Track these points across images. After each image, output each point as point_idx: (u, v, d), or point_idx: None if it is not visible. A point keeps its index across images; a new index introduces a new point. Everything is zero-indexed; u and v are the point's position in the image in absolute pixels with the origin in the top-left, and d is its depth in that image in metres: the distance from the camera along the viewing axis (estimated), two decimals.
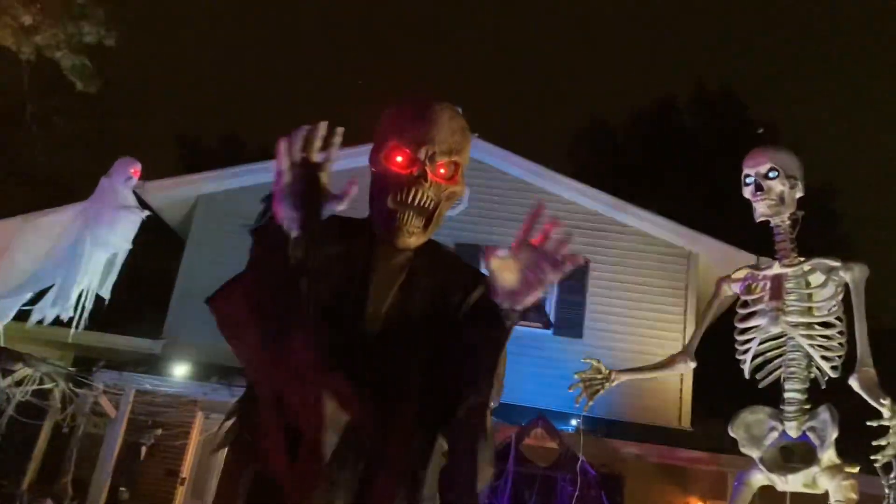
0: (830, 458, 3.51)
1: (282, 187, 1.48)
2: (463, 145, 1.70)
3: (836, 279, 3.64)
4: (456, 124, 1.69)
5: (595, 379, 3.94)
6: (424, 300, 1.64)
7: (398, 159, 1.65)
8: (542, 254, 1.49)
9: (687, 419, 9.79)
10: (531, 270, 1.49)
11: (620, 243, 10.61)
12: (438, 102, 1.69)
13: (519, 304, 1.52)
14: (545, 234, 1.51)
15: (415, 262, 1.68)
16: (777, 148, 3.73)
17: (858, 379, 3.38)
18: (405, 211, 1.62)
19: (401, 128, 1.67)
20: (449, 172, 1.68)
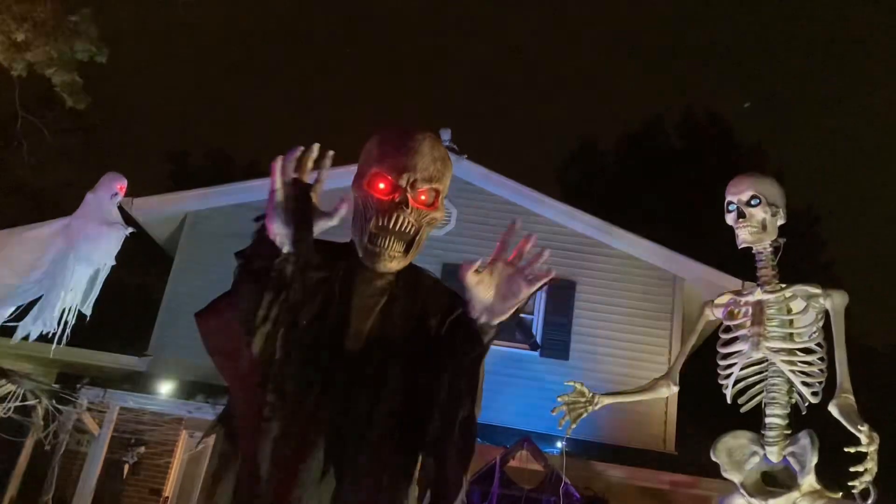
0: (810, 483, 3.54)
1: (275, 205, 1.54)
2: (443, 173, 1.77)
3: (817, 306, 3.69)
4: (437, 153, 1.76)
5: (578, 402, 3.97)
6: (404, 323, 1.68)
7: (380, 186, 1.70)
8: (517, 269, 1.56)
9: (671, 443, 9.81)
10: (506, 286, 1.56)
11: (607, 266, 10.68)
12: (421, 131, 1.76)
13: (496, 319, 1.58)
14: (520, 250, 1.56)
15: (396, 286, 1.72)
16: (759, 175, 3.79)
17: (838, 405, 3.42)
18: (387, 236, 1.67)
19: (383, 155, 1.72)
20: (429, 199, 1.74)
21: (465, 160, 10.97)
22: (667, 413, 9.87)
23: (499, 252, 1.61)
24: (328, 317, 1.64)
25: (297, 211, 1.54)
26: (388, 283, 1.72)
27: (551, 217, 10.84)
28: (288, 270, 1.53)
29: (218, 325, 1.60)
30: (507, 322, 1.61)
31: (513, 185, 10.95)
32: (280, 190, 1.54)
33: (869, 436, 3.19)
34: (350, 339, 1.64)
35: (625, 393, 4.27)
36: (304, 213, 1.54)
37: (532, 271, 1.58)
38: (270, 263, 1.52)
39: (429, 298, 1.73)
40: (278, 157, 1.56)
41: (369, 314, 1.68)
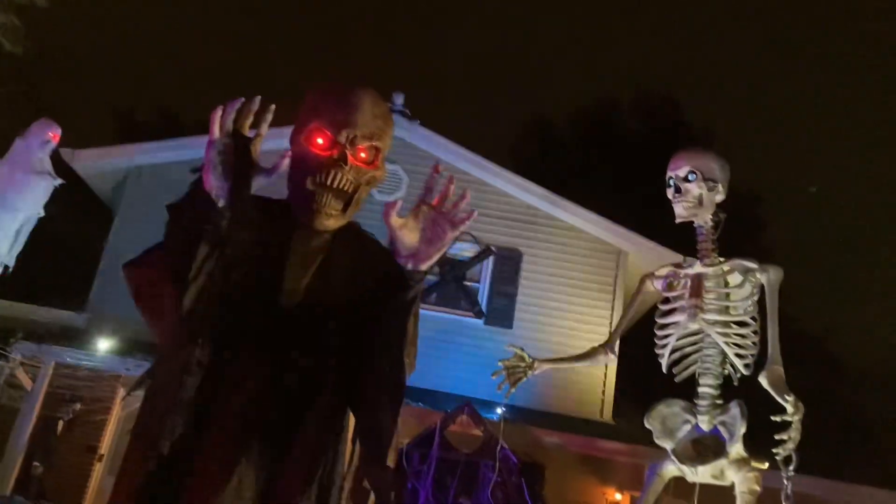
0: (738, 451, 3.66)
1: (212, 157, 1.50)
2: (385, 131, 1.72)
3: (753, 280, 3.79)
4: (378, 110, 1.71)
5: (518, 367, 4.03)
6: (342, 282, 1.66)
7: (319, 141, 1.66)
8: (441, 213, 1.57)
9: (609, 412, 10.05)
10: (431, 229, 1.57)
11: (554, 238, 10.79)
12: (361, 87, 1.71)
13: (422, 264, 1.59)
14: (443, 193, 1.56)
15: (333, 245, 1.69)
16: (698, 151, 3.85)
17: (767, 376, 3.53)
18: (324, 193, 1.63)
19: (322, 110, 1.68)
20: (370, 157, 1.70)
21: (418, 126, 10.91)
22: (605, 383, 10.10)
23: (423, 197, 1.60)
24: (264, 274, 1.61)
25: (235, 164, 1.50)
26: (326, 242, 1.69)
27: (502, 187, 10.89)
28: (223, 225, 1.49)
29: (148, 277, 1.56)
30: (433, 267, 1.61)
31: (464, 154, 10.94)
32: (218, 142, 1.50)
33: (795, 406, 3.32)
34: (286, 296, 1.61)
35: (563, 359, 4.35)
36: (242, 167, 1.51)
37: (456, 214, 1.58)
38: (206, 217, 1.49)
39: (367, 258, 1.71)
40: (218, 107, 1.52)
41: (306, 272, 1.65)
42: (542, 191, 10.93)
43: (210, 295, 1.49)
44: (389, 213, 1.55)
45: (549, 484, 8.32)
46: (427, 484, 6.99)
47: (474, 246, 10.65)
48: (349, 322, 1.62)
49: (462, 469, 7.17)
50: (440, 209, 1.59)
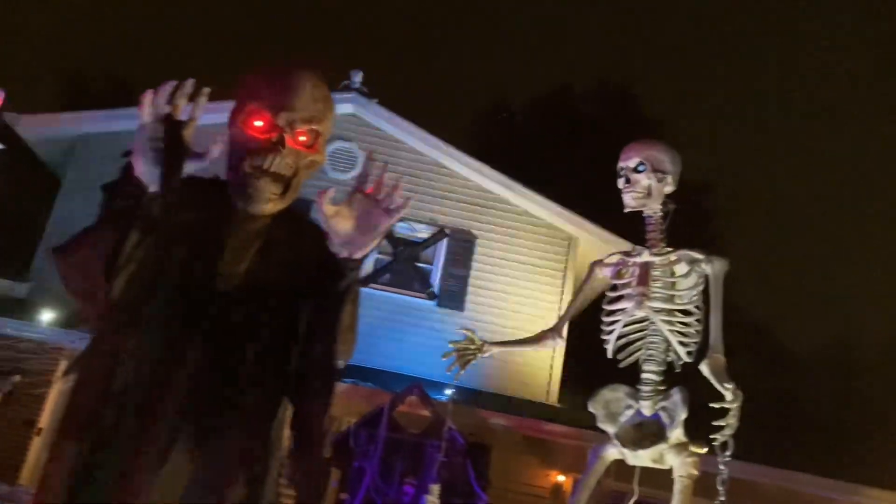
0: (678, 436, 3.75)
1: (142, 141, 1.46)
2: (325, 114, 1.69)
3: (699, 270, 3.87)
4: (319, 93, 1.68)
5: (468, 349, 4.06)
6: (280, 268, 1.63)
7: (257, 124, 1.63)
8: (376, 201, 1.55)
9: (555, 395, 10.21)
10: (366, 218, 1.54)
11: (508, 222, 10.87)
12: (302, 69, 1.68)
13: (357, 253, 1.56)
14: (379, 181, 1.55)
15: (272, 230, 1.66)
16: (649, 143, 3.90)
17: (709, 364, 3.61)
18: (261, 177, 1.60)
19: (261, 92, 1.64)
20: (309, 140, 1.67)
21: (375, 105, 10.84)
22: (552, 367, 10.25)
23: (358, 184, 1.58)
24: (199, 259, 1.58)
25: (166, 149, 1.46)
26: (264, 226, 1.65)
27: (458, 170, 10.91)
28: (154, 211, 1.46)
29: (77, 263, 1.51)
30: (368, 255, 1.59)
31: (421, 135, 10.92)
32: (149, 126, 1.47)
33: (733, 393, 3.40)
34: (222, 282, 1.58)
35: (512, 342, 4.40)
36: (173, 152, 1.47)
37: (391, 202, 1.56)
38: (136, 202, 1.45)
39: (305, 244, 1.68)
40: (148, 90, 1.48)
41: (243, 257, 1.62)
42: (498, 175, 10.98)
43: (141, 282, 1.46)
44: (321, 201, 1.53)
45: (494, 465, 8.42)
46: (373, 464, 7.02)
47: (428, 227, 10.66)
48: (286, 308, 1.60)
49: (409, 449, 7.22)
50: (375, 197, 1.56)
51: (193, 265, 1.57)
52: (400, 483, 7.07)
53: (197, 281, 1.57)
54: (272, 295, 1.60)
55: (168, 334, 1.51)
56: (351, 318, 1.61)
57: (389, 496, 6.97)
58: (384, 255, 10.55)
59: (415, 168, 10.76)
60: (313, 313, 1.58)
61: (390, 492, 6.99)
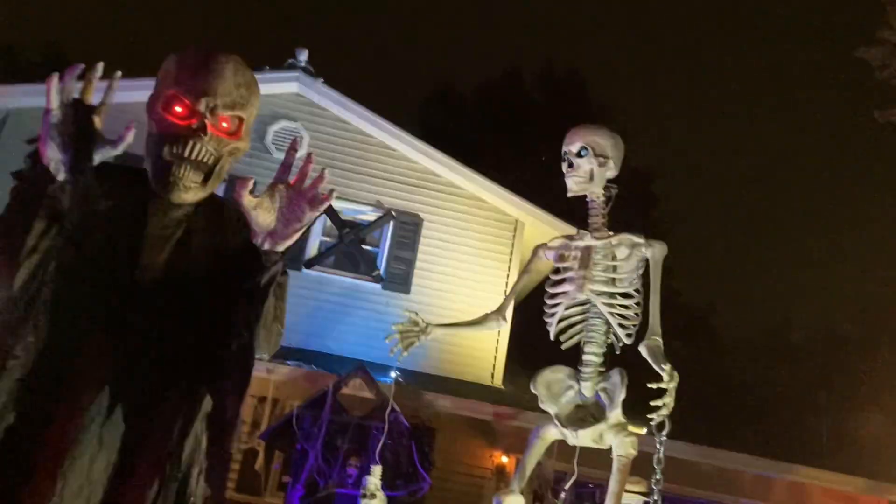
0: (617, 416, 3.82)
1: (49, 128, 1.41)
2: (249, 100, 1.65)
3: (639, 254, 3.94)
4: (242, 78, 1.63)
5: (412, 331, 4.06)
6: (202, 257, 1.59)
7: (177, 109, 1.58)
8: (300, 192, 1.52)
9: (499, 377, 10.31)
10: (289, 209, 1.51)
11: (454, 205, 10.88)
12: (224, 54, 1.63)
13: (280, 245, 1.53)
14: (302, 172, 1.52)
15: (193, 218, 1.61)
16: (591, 128, 3.95)
17: (647, 346, 3.70)
18: (182, 164, 1.56)
19: (182, 77, 1.60)
20: (232, 127, 1.63)
21: (321, 84, 10.71)
22: (497, 349, 10.34)
23: (280, 175, 1.54)
24: (116, 250, 1.53)
25: (75, 136, 1.41)
26: (186, 215, 1.61)
27: (404, 152, 10.86)
28: (63, 200, 1.40)
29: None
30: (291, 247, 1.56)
31: (368, 116, 10.82)
32: (57, 112, 1.41)
33: (670, 374, 3.48)
34: (142, 272, 1.53)
35: (456, 324, 4.41)
36: (82, 139, 1.42)
37: (315, 194, 1.53)
38: (42, 191, 1.39)
39: (227, 234, 1.63)
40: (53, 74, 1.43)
41: (163, 246, 1.57)
42: (445, 157, 10.97)
43: (47, 273, 1.41)
44: (242, 192, 1.49)
45: (438, 446, 8.49)
46: (317, 446, 7.00)
47: (374, 210, 10.61)
48: (208, 300, 1.56)
49: (353, 432, 7.22)
50: (298, 188, 1.53)
51: (109, 256, 1.52)
52: (343, 465, 7.07)
53: (113, 272, 1.51)
54: (193, 286, 1.56)
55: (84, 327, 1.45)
56: (276, 310, 1.57)
57: (333, 478, 6.96)
58: (329, 237, 10.47)
59: (361, 149, 10.67)
60: (235, 306, 1.53)
61: (333, 473, 6.98)
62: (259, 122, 10.51)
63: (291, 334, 9.51)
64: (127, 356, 1.47)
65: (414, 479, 7.30)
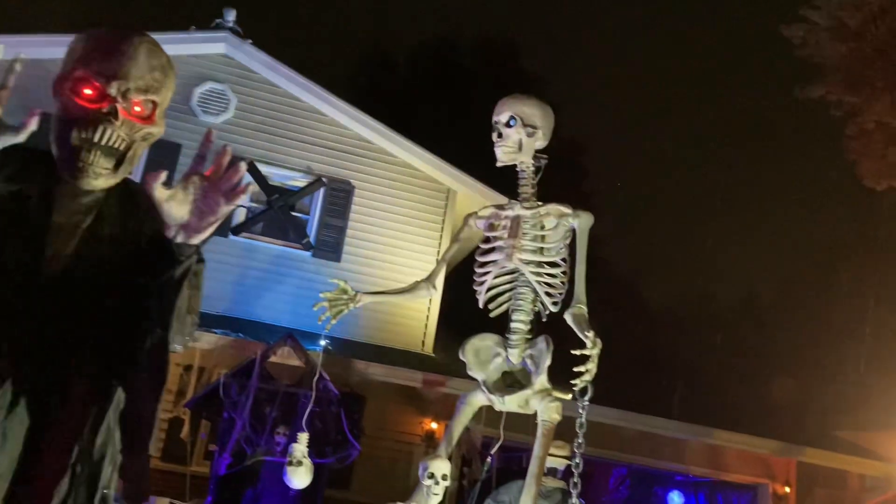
0: (542, 382, 3.89)
1: None
2: (163, 83, 1.59)
3: (566, 224, 3.99)
4: (156, 61, 1.57)
5: (340, 299, 4.03)
6: (113, 246, 1.54)
7: (86, 92, 1.51)
8: (214, 185, 1.46)
9: (430, 345, 10.38)
10: (203, 202, 1.46)
11: (386, 173, 10.82)
12: (137, 34, 1.57)
13: (194, 238, 1.48)
14: (217, 164, 1.47)
15: (104, 206, 1.55)
16: (520, 98, 3.95)
17: (572, 314, 3.76)
18: (91, 150, 1.49)
19: (91, 58, 1.52)
20: (145, 111, 1.56)
21: (249, 45, 10.44)
22: (428, 317, 10.40)
23: (194, 166, 1.48)
24: (20, 239, 1.46)
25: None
26: (96, 202, 1.54)
27: (335, 117, 10.71)
28: None
29: None
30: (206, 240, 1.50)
31: (298, 79, 10.62)
32: None
33: (593, 341, 3.56)
34: (48, 262, 1.47)
35: (386, 293, 4.41)
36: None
37: (230, 186, 1.48)
38: None
39: (144, 220, 1.57)
40: None
41: (73, 235, 1.50)
42: (376, 123, 10.87)
43: None
44: (154, 184, 1.42)
45: (368, 414, 8.53)
46: (244, 414, 6.94)
47: (304, 176, 10.46)
48: (119, 292, 1.50)
49: (281, 400, 7.18)
50: (213, 181, 1.47)
51: (13, 245, 1.45)
52: (271, 433, 7.04)
53: (18, 262, 1.44)
54: (104, 277, 1.50)
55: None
56: (191, 302, 1.52)
57: (260, 446, 6.93)
58: (257, 203, 10.30)
59: (290, 113, 10.49)
60: (147, 299, 1.49)
61: (261, 442, 6.94)
62: (184, 84, 10.19)
63: (218, 302, 9.43)
64: (32, 350, 1.41)
65: (343, 446, 7.33)
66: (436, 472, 3.74)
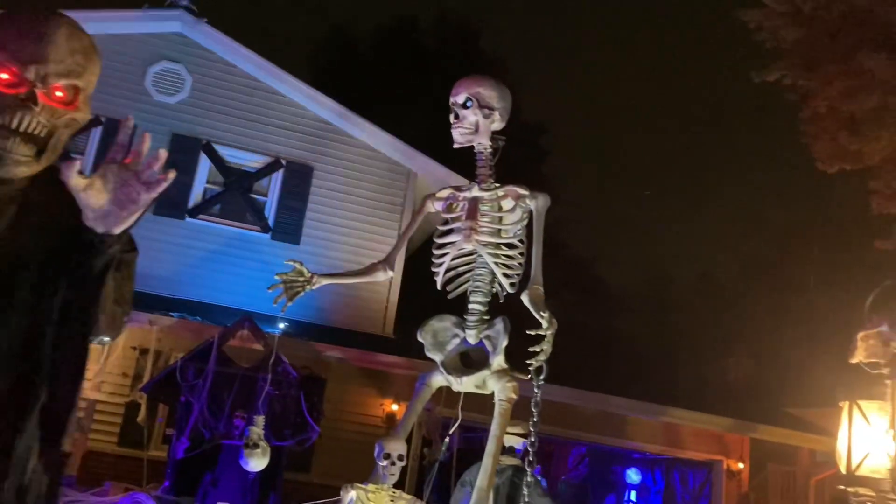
0: (500, 363, 3.92)
1: None
2: (86, 67, 1.53)
3: (524, 206, 4.01)
4: (78, 44, 1.52)
5: (297, 281, 4.00)
6: (39, 236, 1.48)
7: (2, 77, 1.45)
8: (134, 173, 1.42)
9: (391, 327, 10.38)
10: (123, 191, 1.41)
11: (346, 154, 10.74)
12: (57, 16, 1.50)
13: (115, 228, 1.43)
14: (137, 152, 1.42)
15: (29, 195, 1.50)
16: (477, 79, 3.95)
17: (529, 295, 3.79)
18: (10, 137, 1.44)
19: (7, 41, 1.46)
20: (67, 97, 1.51)
21: (205, 25, 10.24)
22: (388, 299, 10.39)
23: (113, 153, 1.43)
24: None
25: None
26: (19, 191, 1.49)
27: (294, 98, 10.59)
28: None
29: None
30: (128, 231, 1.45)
31: (255, 59, 10.46)
32: None
33: (548, 322, 3.59)
34: None
35: (342, 275, 4.39)
36: None
37: (150, 175, 1.43)
38: None
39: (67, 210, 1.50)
40: None
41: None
42: (335, 104, 10.77)
43: None
44: (69, 173, 1.37)
45: (329, 396, 8.51)
46: (202, 398, 6.87)
47: (263, 157, 10.34)
48: (42, 284, 1.46)
49: (239, 383, 7.12)
50: (133, 169, 1.42)
51: None
52: (230, 417, 6.99)
53: None
54: (27, 269, 1.45)
55: None
56: (120, 293, 1.49)
57: (219, 430, 6.87)
58: (215, 185, 10.15)
59: (248, 94, 10.33)
60: (69, 292, 1.45)
61: (220, 425, 6.89)
62: (138, 63, 9.98)
63: (175, 285, 9.31)
64: None
65: (302, 429, 7.31)
66: (391, 452, 3.76)
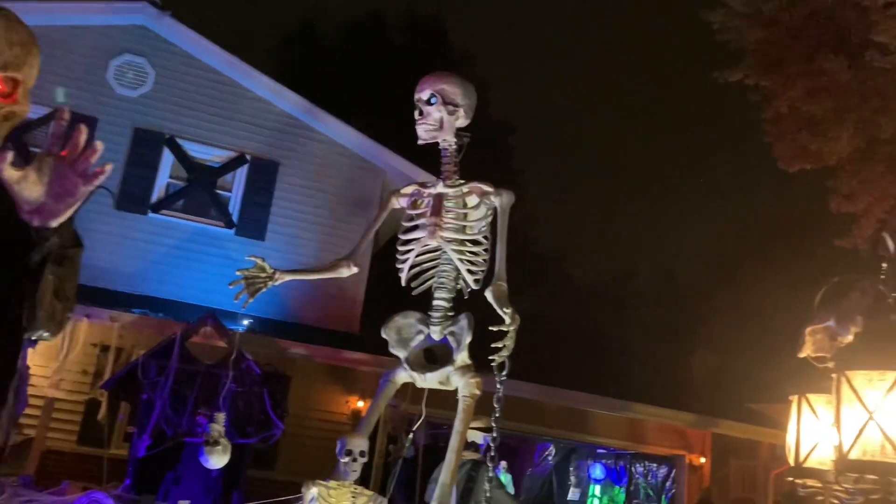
0: (463, 359, 3.94)
1: None
2: (25, 59, 1.51)
3: (488, 203, 4.02)
4: (15, 35, 1.49)
5: (258, 277, 3.97)
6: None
7: None
8: (71, 165, 1.40)
9: (357, 324, 10.34)
10: (59, 183, 1.39)
11: (312, 150, 10.67)
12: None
13: (52, 221, 1.40)
14: (74, 144, 1.40)
15: None
16: (442, 76, 3.96)
17: (493, 291, 3.80)
18: None
19: None
20: (6, 89, 1.49)
21: (169, 17, 10.10)
22: (355, 296, 10.35)
23: (49, 145, 1.41)
24: None
25: None
26: None
27: (259, 93, 10.49)
28: None
29: None
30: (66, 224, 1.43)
31: (220, 53, 10.34)
32: None
33: (512, 317, 3.61)
34: None
35: (306, 270, 4.37)
36: None
37: (87, 167, 1.40)
38: None
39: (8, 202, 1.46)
40: None
41: None
42: (301, 100, 10.69)
43: None
44: (1, 166, 1.34)
45: (294, 394, 8.45)
46: (164, 395, 6.79)
47: (227, 152, 10.23)
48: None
49: (202, 380, 7.04)
50: (69, 161, 1.40)
51: None
52: (193, 414, 6.91)
53: None
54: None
55: None
56: (60, 288, 1.46)
57: (181, 427, 6.79)
58: (178, 180, 10.02)
59: (212, 88, 10.21)
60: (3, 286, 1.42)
61: (182, 423, 6.81)
62: (100, 56, 9.82)
63: (137, 281, 9.18)
64: None
65: (266, 426, 7.26)
66: (353, 448, 3.75)
